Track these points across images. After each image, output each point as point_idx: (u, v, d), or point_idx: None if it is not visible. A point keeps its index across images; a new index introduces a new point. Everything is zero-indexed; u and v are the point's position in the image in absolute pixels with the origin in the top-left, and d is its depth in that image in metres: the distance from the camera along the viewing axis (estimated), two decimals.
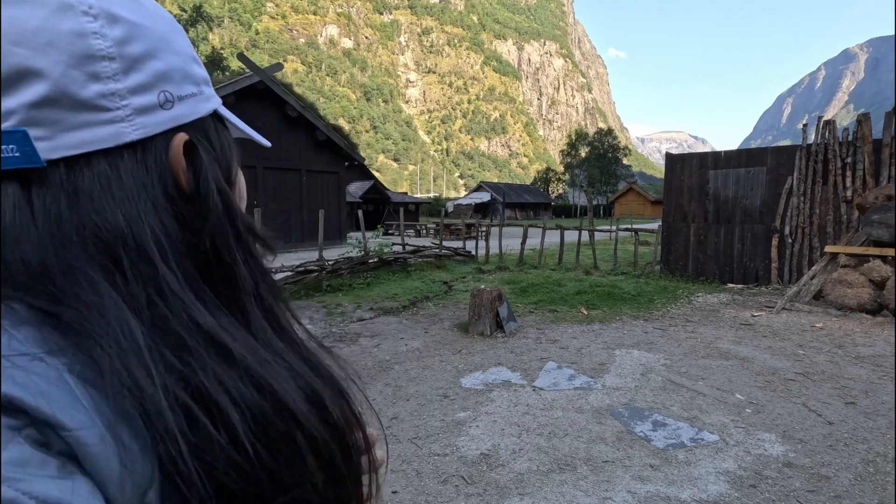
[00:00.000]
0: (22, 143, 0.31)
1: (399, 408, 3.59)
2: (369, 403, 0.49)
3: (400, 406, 3.62)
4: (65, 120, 0.33)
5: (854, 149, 8.09)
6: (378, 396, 3.81)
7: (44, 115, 0.32)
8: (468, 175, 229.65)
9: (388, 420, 3.38)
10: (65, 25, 0.33)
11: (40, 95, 0.32)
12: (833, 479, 2.60)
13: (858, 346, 5.08)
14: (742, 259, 9.29)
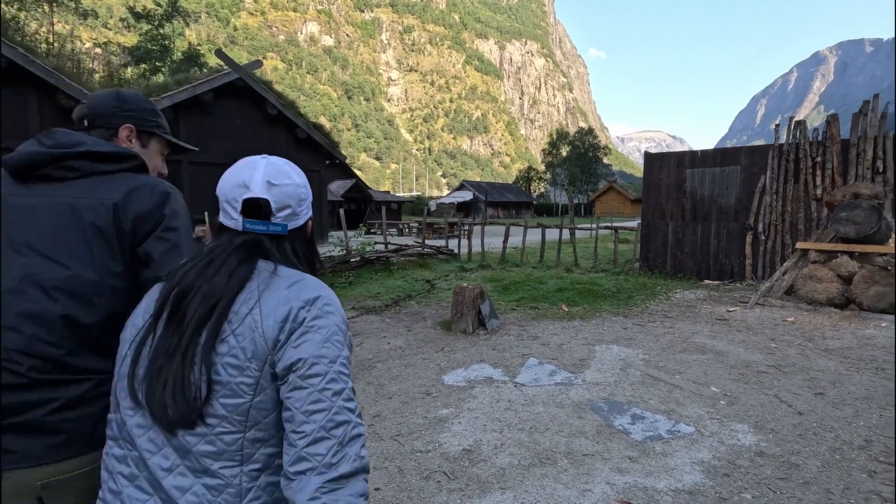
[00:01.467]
0: (283, 225, 0.90)
1: (381, 406, 3.59)
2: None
3: (382, 404, 3.62)
4: (294, 217, 0.93)
5: (823, 148, 8.36)
6: (361, 395, 3.80)
7: (289, 215, 0.92)
8: (451, 174, 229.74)
9: (370, 418, 3.38)
10: (308, 193, 0.99)
11: (290, 211, 0.92)
12: (802, 466, 2.69)
13: (827, 340, 5.25)
14: (718, 256, 9.52)
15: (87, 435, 0.97)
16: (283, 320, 0.77)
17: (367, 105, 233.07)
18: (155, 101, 11.90)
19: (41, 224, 1.01)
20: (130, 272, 1.06)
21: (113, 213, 1.04)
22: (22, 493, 0.91)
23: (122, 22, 30.06)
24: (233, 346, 0.75)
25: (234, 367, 0.75)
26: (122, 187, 1.07)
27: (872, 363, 4.47)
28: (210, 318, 0.76)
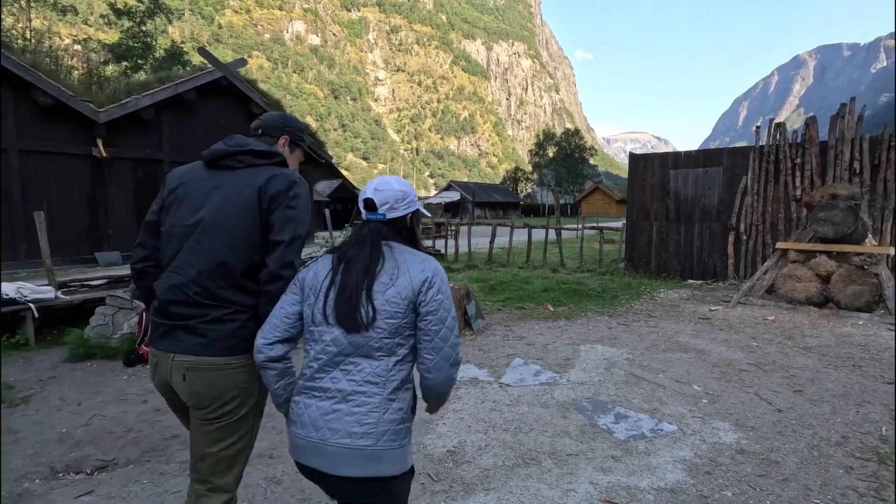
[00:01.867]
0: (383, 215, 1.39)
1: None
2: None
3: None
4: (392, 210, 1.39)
5: (803, 150, 8.52)
6: None
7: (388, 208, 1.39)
8: (438, 174, 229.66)
9: None
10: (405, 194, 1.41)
11: (389, 206, 1.38)
12: (781, 463, 2.73)
13: (806, 338, 5.35)
14: (701, 256, 9.64)
15: (221, 341, 1.46)
16: (423, 282, 1.32)
17: (353, 105, 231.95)
18: (136, 99, 11.70)
19: (217, 198, 1.51)
20: (264, 234, 1.51)
21: (258, 193, 1.51)
22: (178, 369, 1.46)
23: (103, 18, 29.48)
24: (394, 293, 1.30)
25: (394, 303, 1.29)
26: (265, 175, 1.54)
27: (850, 361, 4.57)
28: (367, 272, 1.31)
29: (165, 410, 3.49)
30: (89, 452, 2.90)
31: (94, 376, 4.24)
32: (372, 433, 1.26)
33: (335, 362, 1.31)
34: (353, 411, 1.27)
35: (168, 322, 1.48)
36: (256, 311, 1.48)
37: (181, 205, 1.54)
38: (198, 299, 1.45)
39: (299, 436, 1.32)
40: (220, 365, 1.45)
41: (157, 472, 2.68)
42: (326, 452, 1.27)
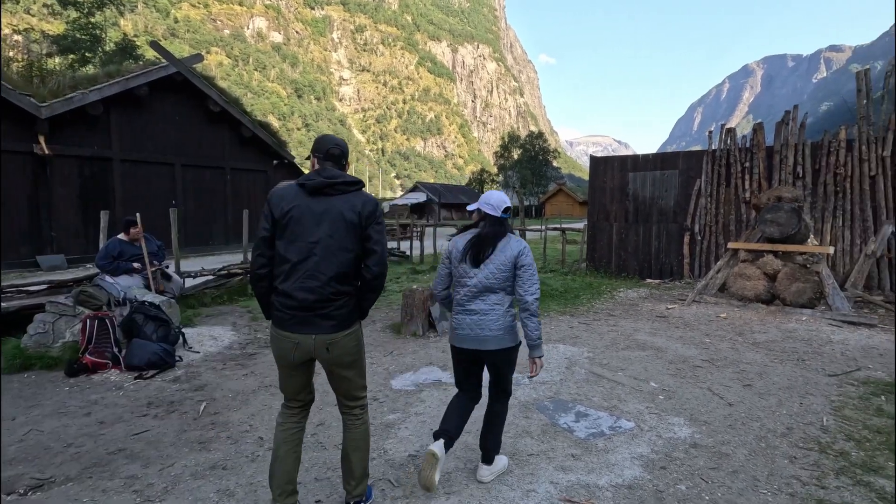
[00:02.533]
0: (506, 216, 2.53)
1: (326, 414, 3.48)
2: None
3: (327, 412, 3.51)
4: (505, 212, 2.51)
5: (751, 154, 8.94)
6: None
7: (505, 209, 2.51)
8: (404, 175, 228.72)
9: (313, 427, 3.27)
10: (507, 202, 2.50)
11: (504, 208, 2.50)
12: (731, 455, 2.83)
13: (755, 334, 5.60)
14: (659, 255, 9.96)
15: (344, 320, 2.11)
16: (517, 251, 2.38)
17: (318, 104, 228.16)
18: (82, 94, 11.09)
19: (328, 219, 2.05)
20: (362, 244, 2.12)
21: (358, 216, 2.08)
22: (321, 345, 2.07)
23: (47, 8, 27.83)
24: (503, 258, 2.38)
25: (503, 264, 2.37)
26: (359, 200, 2.12)
27: (794, 355, 4.80)
28: (494, 245, 2.40)
29: (110, 423, 3.31)
30: (23, 471, 2.70)
31: (31, 388, 3.97)
32: (500, 328, 2.42)
33: (475, 295, 2.44)
34: (489, 319, 2.41)
35: (306, 313, 2.04)
36: (355, 296, 2.16)
37: (298, 224, 2.04)
38: (330, 296, 2.06)
39: (460, 334, 2.48)
40: (348, 334, 2.13)
41: (98, 490, 2.52)
42: (479, 339, 2.43)
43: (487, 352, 2.44)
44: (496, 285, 2.40)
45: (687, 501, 2.38)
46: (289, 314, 2.06)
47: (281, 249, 2.05)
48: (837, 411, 3.44)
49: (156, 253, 5.85)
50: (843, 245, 8.05)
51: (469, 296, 2.44)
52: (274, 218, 2.06)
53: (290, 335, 2.08)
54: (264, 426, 3.28)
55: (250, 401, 3.75)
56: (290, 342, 2.08)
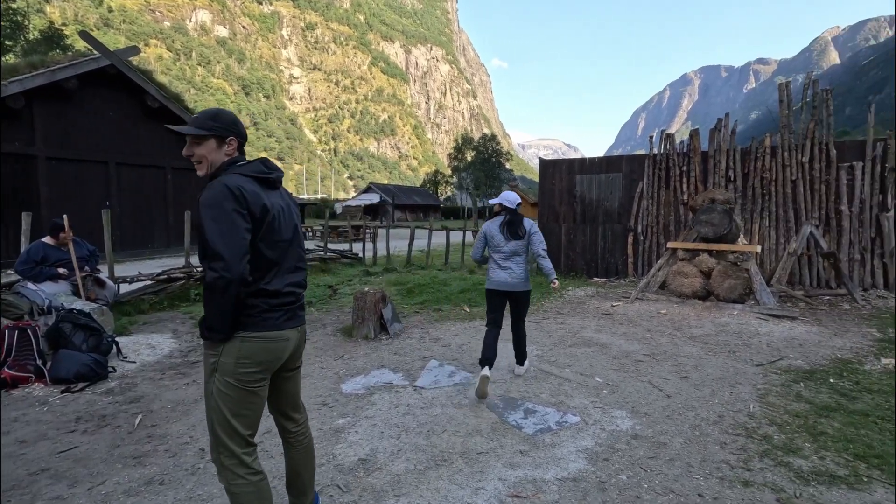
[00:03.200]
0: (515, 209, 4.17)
1: (272, 421, 3.37)
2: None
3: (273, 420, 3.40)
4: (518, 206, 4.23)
5: (688, 159, 9.46)
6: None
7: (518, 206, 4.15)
8: (358, 176, 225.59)
9: (259, 436, 3.16)
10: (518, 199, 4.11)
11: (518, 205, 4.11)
12: (669, 444, 2.99)
13: (692, 328, 5.93)
14: (605, 255, 10.35)
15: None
16: (529, 228, 4.00)
17: (267, 103, 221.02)
18: (2, 86, 10.21)
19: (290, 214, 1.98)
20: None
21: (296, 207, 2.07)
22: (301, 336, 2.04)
23: None
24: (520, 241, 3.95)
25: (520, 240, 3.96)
26: (287, 193, 2.06)
27: (726, 347, 5.12)
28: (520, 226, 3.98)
29: (32, 441, 3.08)
30: None
31: None
32: (523, 278, 3.98)
33: (507, 258, 3.94)
34: (516, 273, 3.94)
35: (294, 306, 1.95)
36: None
37: (278, 222, 1.88)
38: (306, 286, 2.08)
39: (497, 282, 3.97)
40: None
41: None
42: (510, 285, 3.94)
43: (515, 293, 4.02)
44: (520, 250, 3.98)
45: (627, 490, 2.49)
46: (282, 311, 1.88)
47: (263, 250, 1.81)
48: (762, 398, 3.70)
49: (87, 258, 5.49)
50: (769, 244, 8.68)
51: (503, 258, 3.98)
52: (254, 216, 1.77)
53: (286, 333, 1.91)
54: (205, 437, 3.14)
55: (191, 411, 3.59)
56: (284, 342, 1.90)
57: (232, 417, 1.78)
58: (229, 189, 1.73)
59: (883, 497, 2.41)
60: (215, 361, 1.78)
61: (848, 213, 8.07)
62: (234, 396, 1.78)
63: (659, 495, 2.45)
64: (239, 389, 1.78)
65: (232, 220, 1.71)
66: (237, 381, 1.77)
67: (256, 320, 1.81)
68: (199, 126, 1.86)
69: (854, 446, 2.90)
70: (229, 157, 1.90)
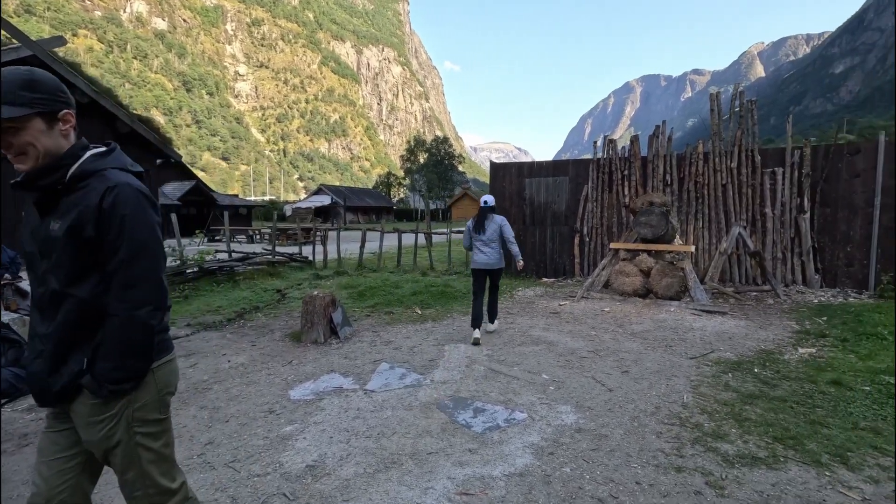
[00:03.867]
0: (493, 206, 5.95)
1: (216, 431, 3.26)
2: None
3: (217, 429, 3.28)
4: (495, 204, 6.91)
5: (629, 164, 9.92)
6: (191, 422, 3.40)
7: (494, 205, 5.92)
8: (308, 177, 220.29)
9: (201, 447, 3.04)
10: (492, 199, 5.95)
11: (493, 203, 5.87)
12: (609, 436, 3.13)
13: (633, 325, 6.22)
14: (553, 256, 10.66)
15: None
16: (501, 223, 5.56)
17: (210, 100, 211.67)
18: None
19: None
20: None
21: None
22: None
23: None
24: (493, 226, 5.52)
25: (493, 231, 5.52)
26: None
27: (664, 342, 5.42)
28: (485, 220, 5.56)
29: None
30: None
31: None
32: (497, 259, 5.57)
33: (486, 244, 5.53)
34: (492, 255, 5.54)
35: None
36: None
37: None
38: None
39: (478, 262, 5.58)
40: None
41: None
42: (487, 264, 5.55)
43: (492, 269, 5.61)
44: (495, 238, 5.53)
45: (570, 482, 2.59)
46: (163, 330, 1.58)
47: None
48: (695, 389, 3.94)
49: (7, 265, 5.07)
50: (702, 244, 9.24)
51: (482, 244, 5.56)
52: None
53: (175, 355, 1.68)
54: None
55: None
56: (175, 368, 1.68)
57: (166, 448, 1.57)
58: (145, 197, 1.43)
59: (796, 475, 2.64)
60: (127, 413, 1.45)
61: (771, 214, 8.74)
62: (164, 427, 1.56)
63: (600, 485, 2.56)
64: (165, 419, 1.57)
65: (159, 239, 1.45)
66: (162, 411, 1.55)
67: (167, 344, 1.58)
68: (11, 102, 1.29)
69: (773, 430, 3.16)
70: (65, 136, 1.43)
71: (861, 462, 2.75)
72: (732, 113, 9.35)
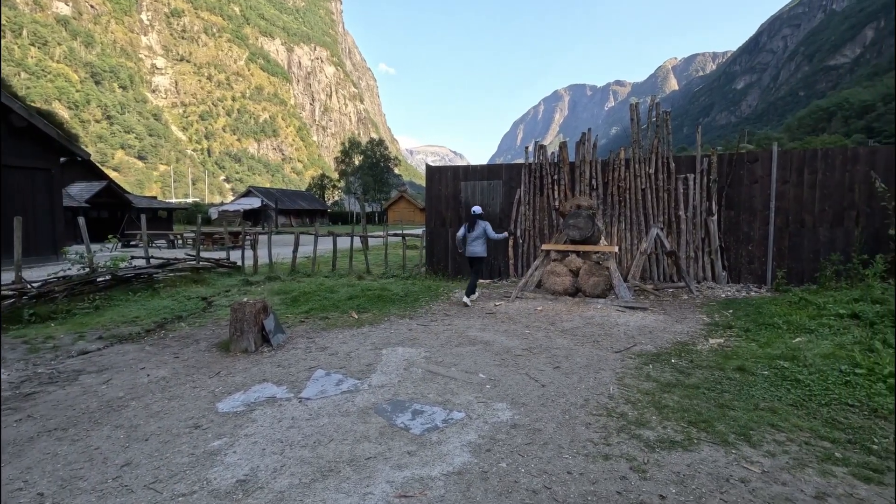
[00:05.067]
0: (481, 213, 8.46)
1: (133, 451, 3.02)
2: None
3: (135, 449, 3.05)
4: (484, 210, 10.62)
5: (558, 168, 10.37)
6: (104, 443, 3.13)
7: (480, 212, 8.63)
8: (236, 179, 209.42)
9: (117, 469, 2.81)
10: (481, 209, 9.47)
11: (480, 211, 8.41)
12: (543, 430, 3.25)
13: (563, 322, 6.51)
14: (489, 258, 10.90)
15: None
16: (484, 226, 8.11)
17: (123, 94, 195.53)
18: None
19: None
20: None
21: None
22: None
23: None
24: (479, 229, 8.09)
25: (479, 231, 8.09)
26: None
27: (591, 338, 5.71)
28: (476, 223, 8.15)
29: None
30: None
31: None
32: (482, 250, 8.16)
33: (474, 240, 8.11)
34: (479, 248, 8.13)
35: None
36: None
37: None
38: None
39: (469, 252, 8.17)
40: None
41: None
42: (475, 254, 8.17)
43: (477, 258, 8.16)
44: (479, 236, 8.05)
45: (507, 476, 2.67)
46: None
47: None
48: (620, 381, 4.20)
49: None
50: (625, 245, 9.85)
51: (471, 240, 8.08)
52: None
53: None
54: (46, 479, 2.71)
55: (26, 451, 3.06)
56: None
57: None
58: None
59: (708, 455, 2.88)
60: None
61: (685, 217, 9.49)
62: None
63: (534, 477, 2.66)
64: None
65: None
66: None
67: None
68: None
69: (688, 415, 3.43)
70: None
71: (761, 439, 3.06)
72: (650, 123, 10.05)
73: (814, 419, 3.34)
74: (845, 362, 4.23)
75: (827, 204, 8.78)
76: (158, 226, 30.54)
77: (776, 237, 9.01)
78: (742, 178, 9.25)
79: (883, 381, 3.80)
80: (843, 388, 3.79)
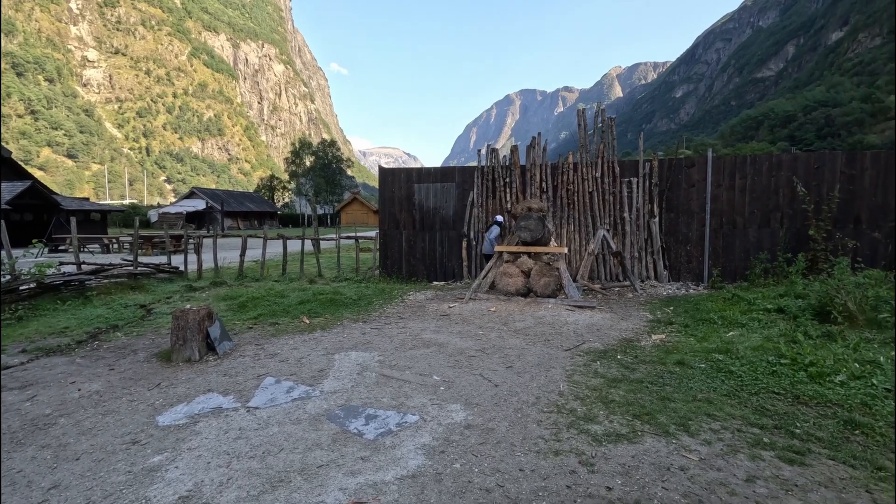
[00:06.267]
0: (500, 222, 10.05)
1: (63, 472, 2.81)
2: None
3: (64, 470, 2.84)
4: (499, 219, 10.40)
5: (510, 171, 10.57)
6: (28, 465, 2.89)
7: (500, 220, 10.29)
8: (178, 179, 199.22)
9: (43, 493, 2.61)
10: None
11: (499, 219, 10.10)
12: (496, 429, 3.30)
13: (516, 322, 6.63)
14: (443, 260, 10.95)
15: None
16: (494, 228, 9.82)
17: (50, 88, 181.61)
18: None
19: None
20: None
21: None
22: None
23: None
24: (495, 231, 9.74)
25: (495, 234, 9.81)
26: None
27: (543, 337, 5.86)
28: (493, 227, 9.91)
29: None
30: None
31: None
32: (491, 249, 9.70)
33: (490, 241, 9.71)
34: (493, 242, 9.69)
35: None
36: None
37: None
38: None
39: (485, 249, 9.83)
40: None
41: None
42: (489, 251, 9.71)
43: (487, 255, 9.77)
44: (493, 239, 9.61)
45: (461, 477, 2.69)
46: None
47: None
48: (569, 378, 4.33)
49: None
50: (574, 246, 10.18)
51: (488, 241, 9.71)
52: None
53: None
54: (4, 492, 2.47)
55: None
56: None
57: None
58: None
59: (651, 445, 3.03)
60: None
61: (629, 219, 9.92)
62: None
63: (488, 476, 2.69)
64: None
65: None
66: None
67: None
68: None
69: (633, 408, 3.59)
70: None
71: (699, 428, 3.25)
72: (596, 128, 10.44)
73: (745, 407, 3.58)
74: (772, 353, 4.57)
75: (755, 206, 9.44)
76: (91, 229, 28.57)
77: (712, 237, 9.58)
78: (681, 182, 9.78)
79: (804, 370, 4.13)
80: (770, 377, 4.09)
